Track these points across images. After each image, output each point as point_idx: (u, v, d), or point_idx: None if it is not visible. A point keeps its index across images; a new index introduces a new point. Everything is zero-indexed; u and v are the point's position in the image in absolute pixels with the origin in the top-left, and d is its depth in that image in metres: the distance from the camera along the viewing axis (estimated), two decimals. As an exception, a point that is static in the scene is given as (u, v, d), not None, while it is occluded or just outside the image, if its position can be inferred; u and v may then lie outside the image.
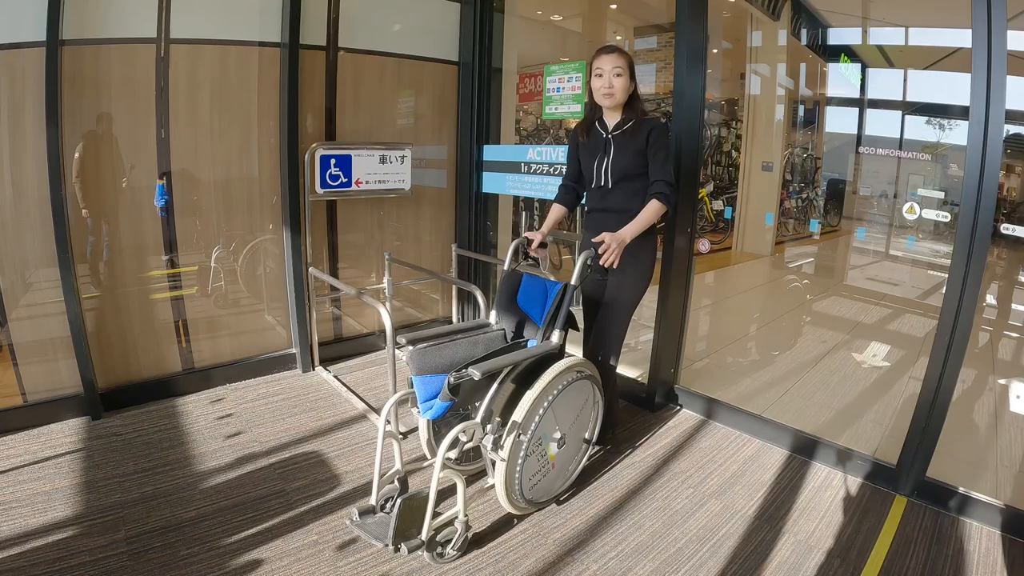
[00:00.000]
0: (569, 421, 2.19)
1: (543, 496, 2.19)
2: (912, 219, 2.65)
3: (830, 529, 2.15)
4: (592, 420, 2.34)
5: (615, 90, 2.29)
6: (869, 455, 2.48)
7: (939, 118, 3.68)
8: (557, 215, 2.54)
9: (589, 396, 2.28)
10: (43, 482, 2.26)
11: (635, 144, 2.31)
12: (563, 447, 2.17)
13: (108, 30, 2.62)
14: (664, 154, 2.30)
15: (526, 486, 2.07)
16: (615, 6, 5.62)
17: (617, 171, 2.36)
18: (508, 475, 1.98)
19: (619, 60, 2.28)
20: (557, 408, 2.09)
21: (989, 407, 3.24)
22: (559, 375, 2.08)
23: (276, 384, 3.23)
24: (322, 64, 3.27)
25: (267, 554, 1.92)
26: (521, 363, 2.04)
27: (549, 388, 2.05)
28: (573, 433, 2.22)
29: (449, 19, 3.74)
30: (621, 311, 2.42)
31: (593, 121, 2.46)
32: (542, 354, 2.11)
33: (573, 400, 2.18)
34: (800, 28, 5.54)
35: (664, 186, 2.27)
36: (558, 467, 2.22)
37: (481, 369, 1.88)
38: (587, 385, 2.24)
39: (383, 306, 2.58)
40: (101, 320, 2.82)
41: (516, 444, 1.96)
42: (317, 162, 3.19)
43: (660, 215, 2.30)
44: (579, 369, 2.19)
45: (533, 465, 2.08)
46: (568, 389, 2.11)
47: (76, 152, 2.63)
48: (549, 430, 2.10)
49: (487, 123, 3.85)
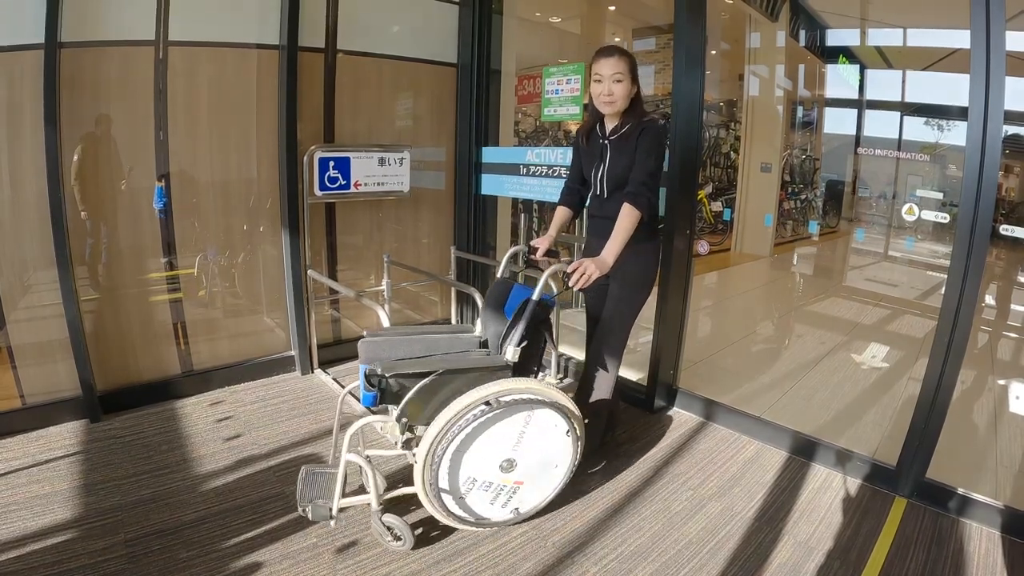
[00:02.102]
0: (518, 446, 1.97)
1: (536, 502, 2.09)
2: (911, 220, 2.65)
3: (830, 530, 2.15)
4: (566, 451, 2.06)
5: (615, 97, 2.18)
6: (869, 456, 2.48)
7: (938, 119, 3.68)
8: (562, 219, 2.44)
9: (556, 425, 2.00)
10: (42, 485, 2.26)
11: (629, 149, 2.20)
12: (514, 471, 1.98)
13: (107, 32, 2.62)
14: (646, 155, 2.16)
15: (488, 511, 1.99)
16: (614, 8, 5.63)
17: (612, 179, 2.27)
18: (423, 479, 1.87)
19: (619, 65, 2.16)
20: (494, 429, 1.90)
21: (989, 408, 3.24)
22: (497, 393, 1.89)
23: (275, 387, 3.23)
24: (320, 66, 3.27)
25: (266, 557, 1.92)
26: (457, 370, 1.92)
27: (475, 404, 1.86)
28: (529, 459, 2.00)
29: (447, 21, 3.75)
30: (620, 320, 2.35)
31: (594, 125, 2.36)
32: (483, 366, 1.96)
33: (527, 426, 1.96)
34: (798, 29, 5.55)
35: (635, 186, 2.14)
36: (532, 477, 2.04)
37: (390, 367, 1.87)
38: (548, 413, 1.97)
39: (382, 308, 2.58)
40: (100, 322, 2.81)
41: (433, 452, 1.84)
42: (316, 164, 3.19)
43: (635, 221, 2.12)
44: (532, 394, 1.94)
45: (480, 496, 1.96)
46: (512, 412, 1.91)
47: (75, 154, 2.62)
48: (481, 457, 1.92)
49: (486, 125, 3.85)
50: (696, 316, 4.45)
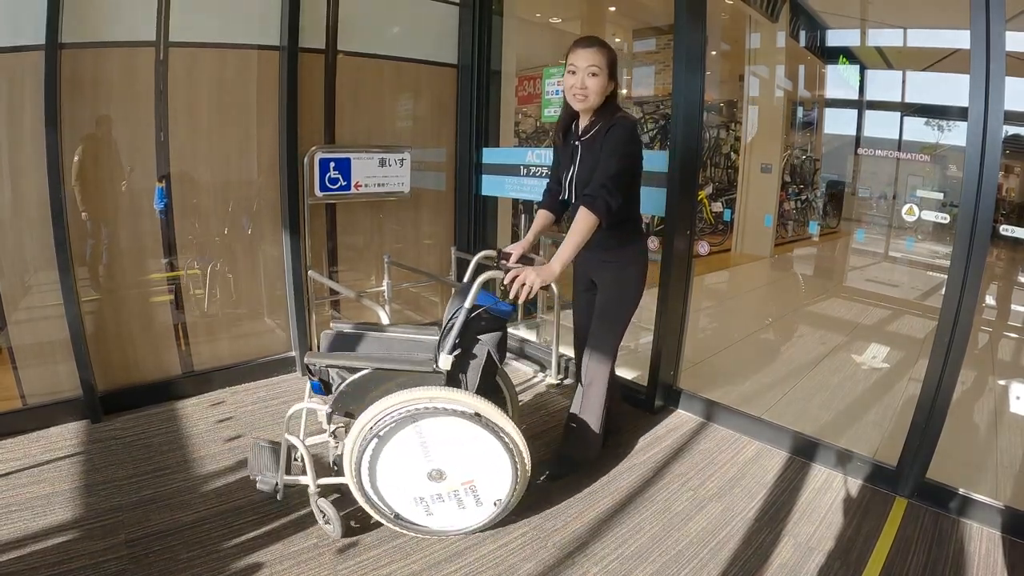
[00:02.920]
0: (448, 458, 1.91)
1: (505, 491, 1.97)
2: (912, 221, 2.65)
3: (830, 531, 2.15)
4: (504, 479, 1.95)
5: (588, 92, 2.03)
6: (869, 457, 2.48)
7: (938, 119, 3.69)
8: (541, 223, 2.31)
9: (491, 446, 1.90)
10: (42, 485, 2.26)
11: (596, 150, 2.06)
12: (443, 482, 1.93)
13: (107, 33, 2.62)
14: (609, 155, 2.00)
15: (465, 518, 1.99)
16: (614, 8, 5.64)
17: (580, 184, 2.12)
18: (350, 468, 1.91)
19: (596, 57, 2.01)
20: (421, 433, 1.87)
21: (989, 408, 3.24)
22: (417, 399, 1.84)
23: (276, 387, 3.23)
24: (321, 67, 3.28)
25: (267, 557, 1.92)
26: (389, 369, 1.91)
27: (399, 407, 1.84)
28: (457, 462, 1.93)
29: (448, 22, 3.75)
30: (604, 334, 2.27)
31: (569, 123, 2.23)
32: (415, 370, 1.90)
33: (452, 436, 1.89)
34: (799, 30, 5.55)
35: (594, 188, 1.98)
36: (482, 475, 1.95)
37: (320, 355, 1.99)
38: (468, 426, 1.87)
39: (382, 309, 2.58)
40: (100, 323, 2.81)
41: (359, 447, 1.87)
42: (316, 165, 3.19)
43: (590, 226, 1.96)
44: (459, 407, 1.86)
45: (449, 508, 1.96)
46: (436, 420, 1.86)
47: (75, 155, 2.63)
48: (410, 452, 1.90)
49: (486, 126, 3.85)
50: (696, 317, 4.46)
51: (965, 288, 2.12)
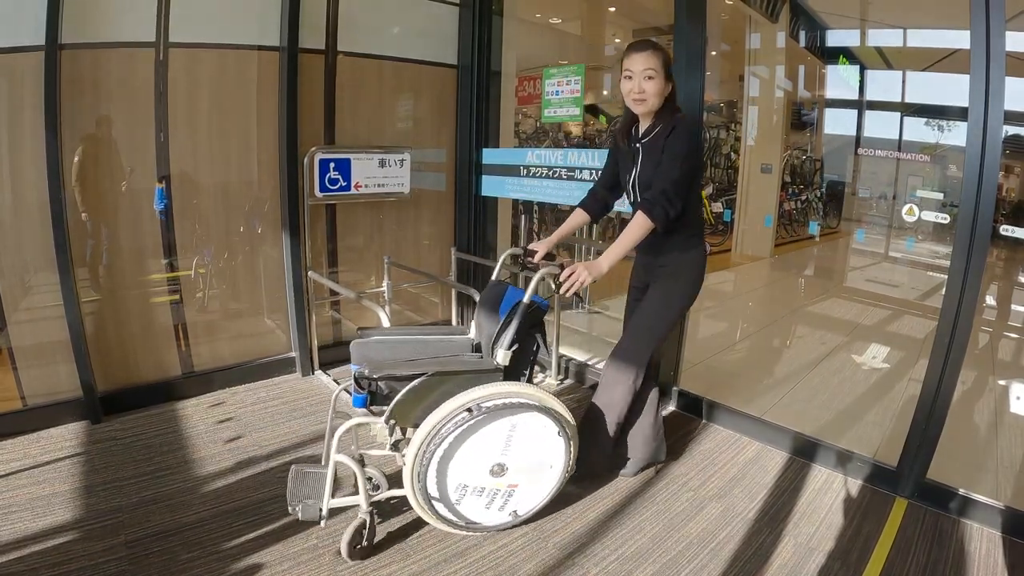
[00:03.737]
0: (507, 450, 1.94)
1: (534, 503, 2.07)
2: (912, 221, 2.65)
3: (831, 531, 2.15)
4: (559, 452, 2.03)
5: (646, 95, 2.02)
6: (869, 457, 2.48)
7: (938, 119, 3.69)
8: (575, 222, 2.31)
9: (546, 426, 1.97)
10: (42, 486, 2.26)
11: (658, 152, 2.04)
12: (506, 475, 1.97)
13: (107, 34, 2.62)
14: (671, 159, 1.99)
15: (485, 517, 1.98)
16: (614, 9, 5.64)
17: (643, 186, 2.11)
18: (412, 482, 1.86)
19: (651, 60, 2.00)
20: (481, 434, 1.88)
21: (989, 408, 3.24)
22: (480, 399, 1.86)
23: (276, 388, 3.23)
24: (321, 68, 3.28)
25: (267, 558, 1.92)
26: (447, 372, 1.90)
27: (461, 408, 1.85)
28: (520, 462, 1.98)
29: (448, 22, 3.75)
30: (646, 328, 2.21)
31: (630, 127, 2.20)
32: (473, 369, 1.94)
33: (503, 428, 1.92)
34: (798, 30, 5.56)
35: (654, 194, 1.99)
36: (528, 479, 2.02)
37: (378, 368, 1.89)
38: (535, 417, 1.94)
39: (382, 309, 2.58)
40: (100, 324, 2.81)
41: (422, 455, 1.83)
42: (316, 166, 3.19)
43: (644, 231, 1.98)
44: (519, 398, 1.91)
45: (474, 501, 1.95)
46: (497, 417, 1.88)
47: (75, 155, 2.63)
48: (474, 455, 1.90)
49: (486, 126, 3.85)
50: (696, 317, 4.45)
51: (965, 288, 2.11)
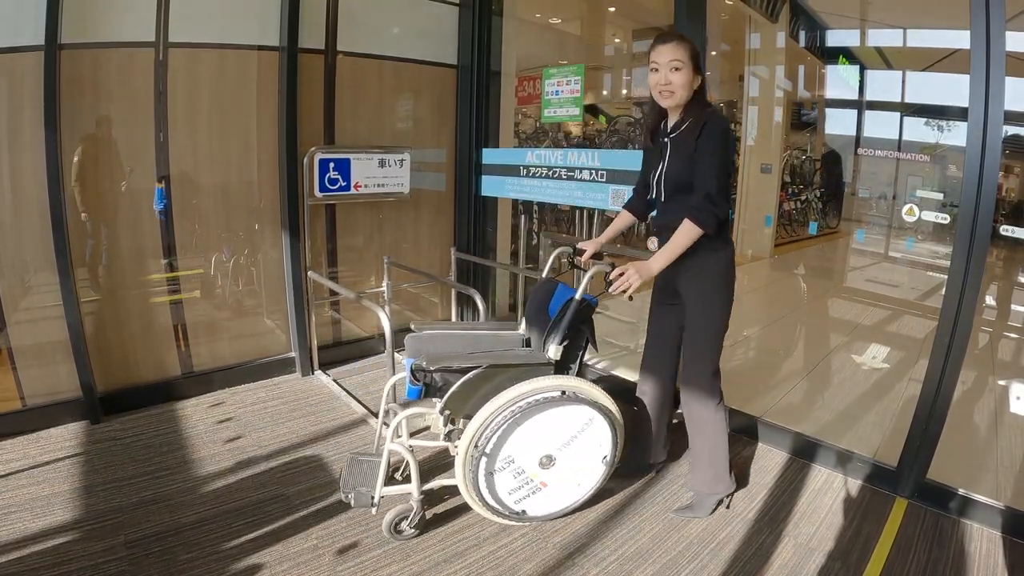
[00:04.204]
0: (557, 441, 2.00)
1: (543, 511, 2.09)
2: (912, 221, 2.64)
3: (831, 531, 2.15)
4: (608, 442, 2.08)
5: (674, 87, 1.94)
6: (869, 457, 2.48)
7: (937, 119, 3.68)
8: (621, 223, 2.28)
9: (592, 419, 2.02)
10: (42, 486, 2.26)
11: (689, 149, 1.96)
12: (553, 467, 2.02)
13: (107, 34, 2.62)
14: (709, 157, 1.91)
15: (504, 497, 2.00)
16: (613, 9, 5.64)
17: (669, 181, 2.04)
18: (464, 470, 1.93)
19: (677, 51, 1.93)
20: (534, 424, 1.94)
21: (989, 408, 3.24)
22: (535, 390, 1.94)
23: (275, 388, 3.23)
24: (320, 68, 3.28)
25: (267, 558, 1.91)
26: (501, 365, 1.97)
27: (516, 400, 1.92)
28: (566, 465, 2.04)
29: (447, 22, 3.75)
30: (698, 355, 2.14)
31: (659, 122, 2.14)
32: (525, 363, 2.01)
33: (561, 421, 1.98)
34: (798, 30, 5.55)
35: (699, 199, 1.90)
36: (556, 485, 2.05)
37: (435, 361, 1.97)
38: (583, 409, 2.00)
39: (382, 310, 2.58)
40: (100, 324, 2.81)
41: (474, 445, 1.91)
42: (316, 166, 3.19)
43: (693, 238, 1.92)
44: (569, 389, 1.99)
45: (508, 479, 1.97)
46: (549, 407, 1.94)
47: (75, 155, 2.63)
48: (524, 445, 1.95)
49: (486, 126, 3.85)
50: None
51: (965, 288, 2.11)
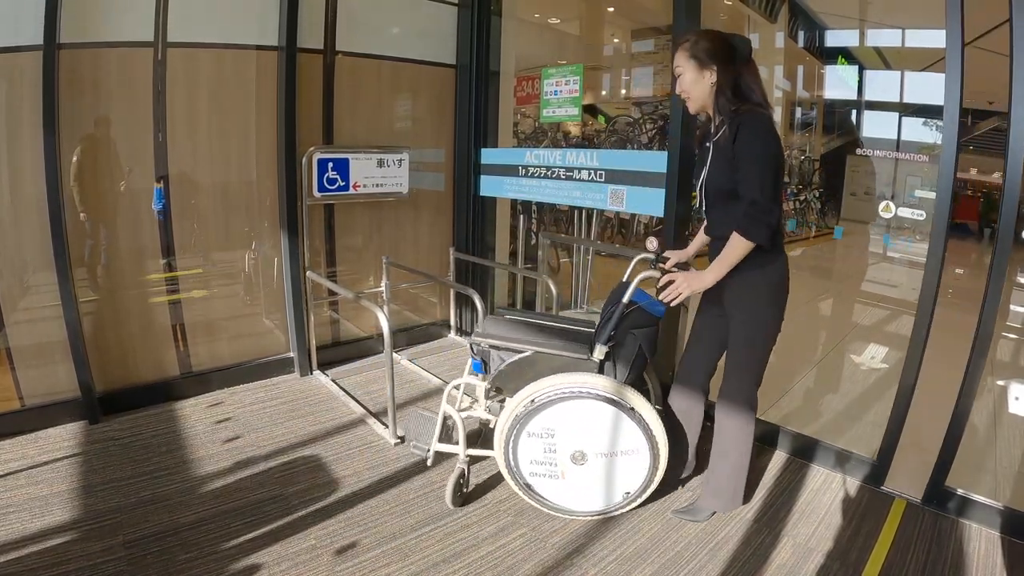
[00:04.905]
0: (591, 441, 2.05)
1: (546, 497, 2.14)
2: (888, 217, 2.68)
3: (829, 531, 2.15)
4: (639, 479, 2.07)
5: (685, 92, 1.96)
6: (869, 457, 2.48)
7: (936, 120, 3.68)
8: (704, 235, 2.19)
9: (626, 429, 2.02)
10: (40, 486, 2.26)
11: (726, 152, 1.86)
12: (582, 466, 2.07)
13: (105, 34, 2.62)
14: (749, 163, 1.79)
15: (523, 466, 2.12)
16: (612, 9, 5.63)
17: (710, 188, 1.98)
18: (498, 433, 2.10)
19: (679, 57, 1.93)
20: (568, 414, 2.03)
21: (988, 408, 3.24)
22: (570, 382, 2.01)
23: (274, 388, 3.23)
24: (319, 67, 3.28)
25: (265, 559, 1.91)
26: (545, 353, 2.10)
27: (552, 386, 2.02)
28: (600, 461, 2.07)
29: (446, 22, 3.75)
30: (739, 368, 2.07)
31: (708, 127, 2.07)
32: (569, 355, 2.07)
33: (596, 420, 2.02)
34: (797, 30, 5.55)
35: (747, 208, 1.79)
36: (572, 483, 2.10)
37: (485, 336, 2.16)
38: (615, 413, 2.01)
39: (381, 310, 2.58)
40: (99, 324, 2.81)
41: (512, 415, 2.06)
42: (314, 166, 3.19)
43: (745, 251, 1.82)
44: (604, 393, 2.00)
45: (536, 450, 2.08)
46: (581, 403, 2.01)
47: (74, 155, 2.62)
48: (569, 426, 2.05)
49: (485, 126, 3.85)
50: (695, 317, 4.44)
51: (940, 283, 2.16)
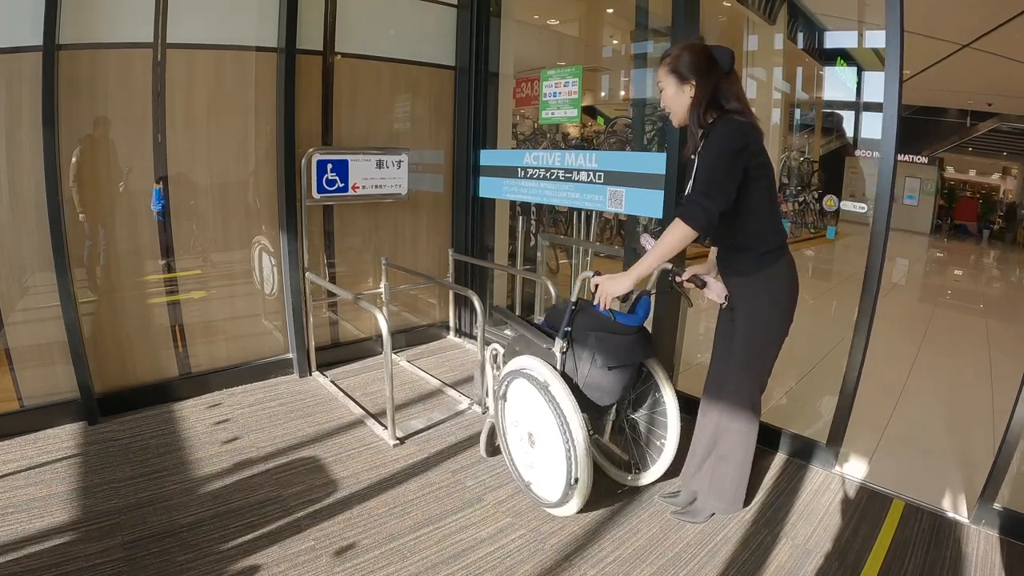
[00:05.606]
0: (534, 422, 2.16)
1: (540, 494, 2.22)
2: (831, 211, 2.69)
3: (828, 532, 2.15)
4: (566, 460, 2.02)
5: (669, 108, 1.97)
6: (867, 457, 2.48)
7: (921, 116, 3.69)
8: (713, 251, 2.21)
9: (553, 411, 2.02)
10: (39, 487, 2.25)
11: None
12: (534, 446, 2.21)
13: (105, 34, 2.62)
14: (705, 156, 1.83)
15: (518, 460, 2.32)
16: (611, 10, 5.64)
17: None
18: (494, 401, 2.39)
19: (660, 73, 1.94)
20: (514, 392, 2.27)
21: (986, 409, 3.24)
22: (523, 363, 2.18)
23: (273, 389, 3.23)
24: (319, 69, 3.28)
25: (264, 560, 1.91)
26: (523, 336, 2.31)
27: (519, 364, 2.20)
28: (545, 445, 2.12)
29: (446, 23, 3.75)
30: (737, 368, 2.09)
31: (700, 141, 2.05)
32: (537, 343, 2.22)
33: (535, 403, 2.11)
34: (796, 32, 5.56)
35: (693, 195, 1.81)
36: (541, 472, 2.18)
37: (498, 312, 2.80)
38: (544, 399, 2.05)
39: (380, 311, 2.58)
40: (98, 325, 2.81)
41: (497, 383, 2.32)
42: (314, 167, 3.19)
43: (682, 236, 1.79)
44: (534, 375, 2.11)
45: (517, 443, 2.30)
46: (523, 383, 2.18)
47: (73, 156, 2.63)
48: (519, 412, 2.26)
49: (484, 128, 3.85)
50: (696, 317, 4.44)
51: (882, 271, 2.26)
